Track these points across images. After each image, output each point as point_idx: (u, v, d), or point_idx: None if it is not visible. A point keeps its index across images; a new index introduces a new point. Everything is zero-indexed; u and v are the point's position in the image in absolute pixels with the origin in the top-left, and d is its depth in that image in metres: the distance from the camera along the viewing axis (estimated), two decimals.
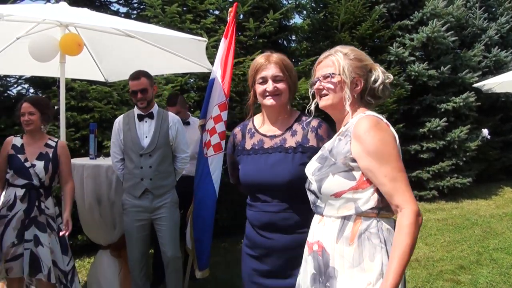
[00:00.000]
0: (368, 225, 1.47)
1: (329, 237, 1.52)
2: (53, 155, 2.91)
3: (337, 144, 1.56)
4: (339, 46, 1.67)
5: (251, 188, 1.94)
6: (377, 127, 1.48)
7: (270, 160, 1.88)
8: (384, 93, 1.63)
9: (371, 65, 1.63)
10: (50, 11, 3.14)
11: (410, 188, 1.44)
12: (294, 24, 6.86)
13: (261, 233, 1.90)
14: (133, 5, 6.51)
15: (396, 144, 1.49)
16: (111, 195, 3.23)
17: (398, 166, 1.44)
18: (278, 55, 1.93)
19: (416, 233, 1.39)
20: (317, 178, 1.54)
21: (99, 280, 3.35)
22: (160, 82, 5.04)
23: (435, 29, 6.97)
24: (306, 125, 1.91)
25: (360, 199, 1.48)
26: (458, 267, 4.27)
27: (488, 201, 7.25)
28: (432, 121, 7.13)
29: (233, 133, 2.09)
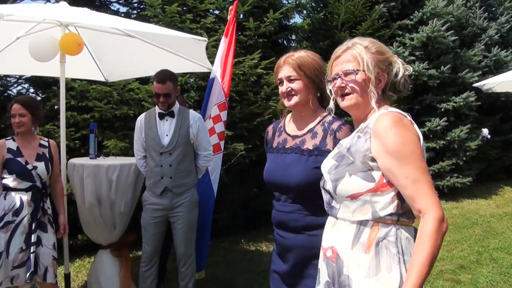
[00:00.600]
0: (386, 232, 1.36)
1: (343, 243, 1.42)
2: (49, 155, 2.94)
3: (355, 142, 1.45)
4: (356, 38, 1.55)
5: (269, 186, 1.94)
6: (400, 124, 1.36)
7: (286, 160, 1.87)
8: (404, 87, 1.52)
9: (391, 57, 1.50)
10: (50, 11, 3.14)
11: (434, 191, 1.32)
12: (294, 24, 6.86)
13: (277, 231, 1.94)
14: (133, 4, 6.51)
15: (420, 143, 1.38)
16: (111, 195, 3.23)
17: (422, 167, 1.33)
18: (298, 54, 1.87)
19: (439, 241, 1.26)
20: (332, 178, 1.44)
21: (99, 280, 3.35)
22: None
23: (435, 29, 6.97)
24: (327, 127, 1.84)
25: (378, 203, 1.37)
26: (458, 267, 4.27)
27: (488, 201, 7.25)
28: (432, 120, 7.13)
29: (267, 130, 2.09)
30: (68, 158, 3.44)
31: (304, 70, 1.84)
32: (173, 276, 4.01)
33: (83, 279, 4.06)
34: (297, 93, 1.85)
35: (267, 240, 5.10)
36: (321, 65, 1.88)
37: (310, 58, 1.86)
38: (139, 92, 5.00)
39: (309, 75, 1.84)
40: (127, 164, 3.29)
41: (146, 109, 4.97)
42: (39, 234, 2.81)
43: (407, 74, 1.51)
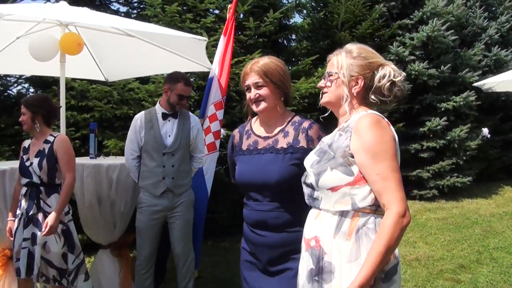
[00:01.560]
0: (365, 220, 1.48)
1: (326, 232, 1.52)
2: (48, 151, 2.86)
3: (337, 139, 1.56)
4: (349, 44, 1.67)
5: (244, 187, 2.00)
6: (378, 125, 1.48)
7: (262, 160, 1.93)
8: (391, 92, 1.58)
9: (378, 62, 1.60)
10: (50, 10, 3.14)
11: (401, 189, 1.43)
12: (294, 24, 6.86)
13: (253, 230, 1.97)
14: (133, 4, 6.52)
15: (394, 144, 1.48)
16: (111, 195, 3.23)
17: (392, 166, 1.44)
18: (263, 61, 1.95)
19: (397, 234, 1.38)
20: (315, 171, 1.55)
21: (100, 280, 3.35)
22: (160, 81, 5.04)
23: (435, 28, 6.96)
24: (297, 126, 1.95)
25: (357, 195, 1.48)
26: (458, 266, 4.27)
27: (488, 200, 7.25)
28: (432, 120, 7.12)
29: (233, 134, 2.16)
30: None
31: (270, 77, 1.93)
32: (173, 276, 4.01)
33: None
34: (265, 99, 1.94)
35: None
36: (285, 71, 1.98)
37: (274, 64, 1.95)
38: (139, 92, 5.01)
39: (274, 81, 1.93)
40: None
41: (146, 108, 4.97)
42: (34, 231, 2.79)
43: (398, 79, 1.57)
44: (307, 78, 5.71)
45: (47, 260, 2.81)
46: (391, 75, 1.57)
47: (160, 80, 5.05)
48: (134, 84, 5.02)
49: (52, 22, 3.27)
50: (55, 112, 3.03)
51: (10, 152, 4.43)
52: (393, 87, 1.58)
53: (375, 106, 1.62)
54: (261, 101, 1.94)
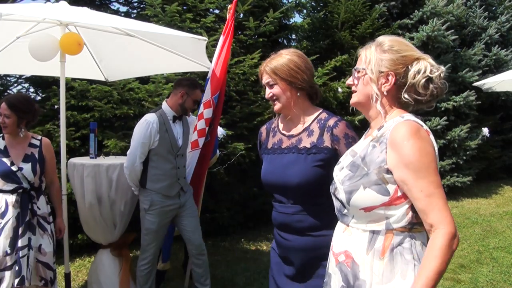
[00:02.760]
0: (401, 239, 1.34)
1: (358, 247, 1.39)
2: (39, 156, 2.81)
3: (370, 151, 1.39)
4: (382, 36, 1.50)
5: (268, 188, 1.92)
6: (417, 135, 1.30)
7: (284, 160, 1.84)
8: (426, 90, 1.37)
9: (413, 56, 1.40)
10: (50, 10, 3.13)
11: (447, 206, 1.29)
12: (294, 23, 6.86)
13: (279, 233, 1.91)
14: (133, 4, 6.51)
15: (436, 157, 1.33)
16: (112, 195, 3.23)
17: (436, 181, 1.29)
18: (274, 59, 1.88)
19: (448, 256, 1.23)
20: (346, 189, 1.40)
21: (99, 279, 3.35)
22: (160, 81, 5.03)
23: (435, 28, 6.96)
24: (323, 124, 1.83)
25: (393, 216, 1.34)
26: (458, 266, 4.27)
27: (488, 200, 7.26)
28: (433, 120, 7.13)
29: (260, 131, 2.08)
30: (68, 158, 3.45)
31: (279, 74, 1.84)
32: (173, 276, 4.02)
33: (83, 279, 4.06)
34: (278, 97, 1.87)
35: (267, 239, 5.10)
36: (299, 64, 1.85)
37: (285, 59, 1.85)
38: (139, 92, 5.00)
39: (284, 78, 1.84)
40: None
41: (146, 108, 4.97)
42: (30, 237, 2.71)
43: (435, 75, 1.37)
44: None
45: (44, 263, 2.78)
46: (427, 71, 1.36)
47: (160, 80, 5.05)
48: (134, 84, 5.02)
49: (52, 22, 3.27)
50: (38, 115, 2.94)
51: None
52: (429, 84, 1.37)
53: (410, 107, 1.43)
54: (275, 100, 1.88)
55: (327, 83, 5.79)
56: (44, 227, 2.81)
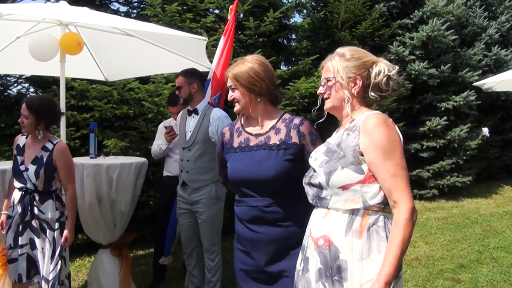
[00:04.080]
0: (376, 218, 1.52)
1: (337, 231, 1.55)
2: (47, 160, 2.74)
3: (345, 138, 1.60)
4: (340, 48, 1.71)
5: (238, 184, 2.04)
6: (385, 124, 1.53)
7: (255, 157, 1.97)
8: (388, 86, 1.63)
9: (371, 60, 1.65)
10: (50, 10, 3.13)
11: (409, 186, 1.49)
12: (294, 23, 6.86)
13: (249, 227, 2.01)
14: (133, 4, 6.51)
15: (401, 143, 1.54)
16: (112, 194, 3.23)
17: (401, 163, 1.49)
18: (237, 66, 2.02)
19: (411, 228, 1.45)
20: (326, 171, 1.57)
21: (99, 279, 3.35)
22: (161, 81, 5.04)
23: (435, 28, 6.96)
24: (288, 123, 2.00)
25: (368, 193, 1.52)
26: (458, 266, 4.27)
27: (489, 200, 7.26)
28: (433, 120, 7.13)
29: (222, 132, 2.20)
30: None
31: (239, 81, 2.00)
32: (173, 276, 4.02)
33: (83, 279, 4.06)
34: (238, 101, 2.04)
35: None
36: (259, 72, 2.00)
37: (247, 67, 2.00)
38: (139, 92, 5.00)
39: (244, 85, 2.00)
40: (127, 164, 3.29)
41: (146, 108, 4.98)
42: (32, 237, 2.73)
43: (393, 73, 1.63)
44: (307, 78, 5.70)
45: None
46: (386, 70, 1.62)
47: (160, 80, 5.05)
48: (134, 84, 5.02)
49: (52, 22, 3.27)
50: (58, 117, 2.94)
51: (10, 152, 4.42)
52: (390, 81, 1.63)
53: (375, 102, 1.68)
54: (236, 102, 2.04)
55: None
56: (45, 232, 2.75)
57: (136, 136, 4.82)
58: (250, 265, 2.04)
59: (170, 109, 3.91)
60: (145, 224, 4.81)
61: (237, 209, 2.09)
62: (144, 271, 4.21)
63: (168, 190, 3.85)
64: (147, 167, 3.54)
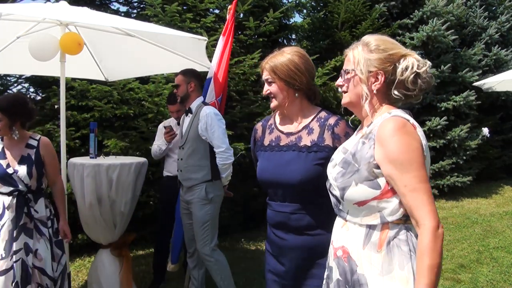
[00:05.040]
0: (396, 232, 1.38)
1: (354, 243, 1.43)
2: (36, 157, 2.67)
3: (360, 148, 1.43)
4: (367, 35, 1.51)
5: (265, 185, 1.91)
6: (403, 130, 1.34)
7: (284, 158, 1.83)
8: (415, 85, 1.42)
9: (400, 53, 1.44)
10: (50, 10, 3.13)
11: (431, 200, 1.31)
12: (294, 23, 6.86)
13: (275, 232, 1.88)
14: (133, 4, 6.51)
15: (422, 151, 1.35)
16: (112, 194, 3.23)
17: (421, 176, 1.31)
18: (275, 57, 1.87)
19: (437, 247, 1.27)
20: (340, 186, 1.44)
21: (100, 279, 3.35)
22: (161, 81, 5.04)
23: (435, 28, 6.96)
24: (323, 123, 1.83)
25: (386, 209, 1.38)
26: (458, 266, 4.27)
27: (489, 200, 7.26)
28: (433, 119, 7.13)
29: (255, 128, 2.05)
30: (68, 158, 3.44)
31: (278, 74, 1.84)
32: (173, 276, 4.01)
33: (83, 279, 4.06)
34: (275, 96, 1.87)
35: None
36: (299, 65, 1.83)
37: (286, 59, 1.84)
38: (139, 92, 5.00)
39: (282, 78, 1.83)
40: (127, 164, 3.28)
41: (146, 108, 4.98)
42: (26, 241, 2.62)
43: (423, 70, 1.43)
44: None
45: (40, 269, 2.67)
46: (415, 66, 1.42)
47: (160, 79, 5.05)
48: (134, 84, 5.02)
49: (52, 22, 3.27)
50: (34, 114, 2.81)
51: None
52: (418, 79, 1.43)
53: (400, 102, 1.49)
54: (272, 97, 1.88)
55: (327, 83, 5.79)
56: (41, 231, 2.70)
57: (136, 136, 4.82)
58: (277, 269, 1.91)
59: (169, 108, 3.91)
60: (145, 224, 4.81)
61: (267, 211, 1.93)
62: (144, 271, 4.21)
63: (168, 190, 3.85)
64: (147, 167, 3.54)
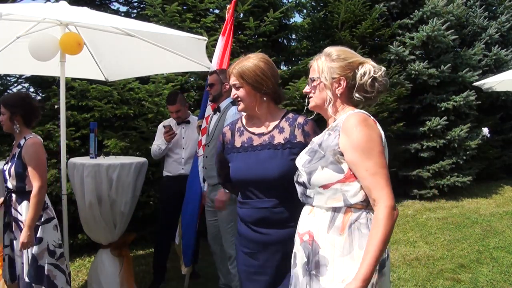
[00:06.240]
0: (358, 215, 1.54)
1: (320, 227, 1.58)
2: (17, 157, 2.67)
3: (326, 138, 1.62)
4: (328, 47, 1.71)
5: (242, 185, 1.98)
6: (365, 123, 1.53)
7: (260, 156, 1.93)
8: (373, 87, 1.63)
9: (358, 61, 1.64)
10: (50, 10, 3.13)
11: (389, 184, 1.50)
12: (294, 23, 6.87)
13: (254, 229, 1.94)
14: (133, 4, 6.51)
15: (381, 142, 1.54)
16: (112, 194, 3.23)
17: (380, 162, 1.50)
18: (242, 63, 1.95)
19: (390, 226, 1.45)
20: (307, 170, 1.60)
21: (99, 279, 3.35)
22: (161, 81, 5.04)
23: (435, 28, 6.96)
24: (292, 122, 1.96)
25: (348, 192, 1.53)
26: (458, 266, 4.27)
27: (489, 200, 7.26)
28: (433, 119, 7.12)
29: (223, 132, 2.13)
30: (68, 158, 3.45)
31: (245, 79, 1.94)
32: (173, 276, 4.02)
33: (83, 279, 4.06)
34: (242, 100, 1.97)
35: None
36: (265, 71, 1.94)
37: (253, 65, 1.94)
38: (139, 92, 5.01)
39: (250, 83, 1.93)
40: (127, 163, 3.29)
41: (146, 108, 4.98)
42: (11, 238, 2.72)
43: (379, 74, 1.62)
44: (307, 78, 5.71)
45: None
46: (372, 72, 1.61)
47: (160, 79, 5.05)
48: (134, 84, 5.02)
49: (52, 22, 3.27)
50: (36, 112, 2.85)
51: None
52: (375, 82, 1.62)
53: (361, 104, 1.68)
54: (240, 101, 1.98)
55: None
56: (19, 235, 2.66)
57: (136, 136, 4.83)
58: (255, 266, 1.96)
59: (169, 108, 3.91)
60: (145, 224, 4.81)
61: (241, 211, 2.01)
62: (144, 271, 4.21)
63: (168, 190, 3.85)
64: (147, 167, 3.54)
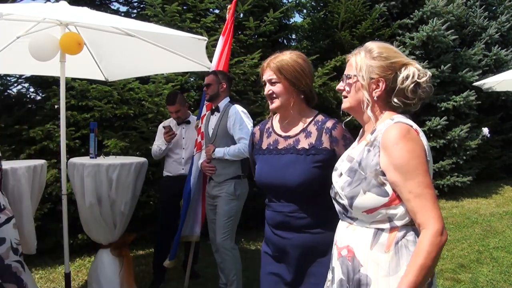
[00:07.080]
0: (405, 232, 1.39)
1: (361, 243, 1.43)
2: None
3: (366, 156, 1.44)
4: (370, 42, 1.53)
5: (264, 188, 1.93)
6: (407, 137, 1.36)
7: (282, 160, 1.85)
8: (415, 94, 1.45)
9: (401, 62, 1.46)
10: (50, 10, 3.13)
11: (436, 206, 1.33)
12: (294, 23, 6.87)
13: (275, 233, 1.90)
14: (133, 4, 6.51)
15: (426, 157, 1.37)
16: (112, 194, 3.23)
17: (425, 182, 1.33)
18: (281, 57, 1.88)
19: (435, 253, 1.29)
20: (348, 195, 1.45)
21: (99, 279, 3.35)
22: (161, 81, 5.04)
23: (435, 28, 6.96)
24: (321, 126, 1.86)
25: (395, 215, 1.39)
26: (458, 266, 4.27)
27: (489, 200, 7.26)
28: (433, 119, 7.13)
29: (253, 132, 2.07)
30: (68, 158, 3.45)
31: (284, 73, 1.85)
32: (173, 276, 4.02)
33: (83, 279, 4.06)
34: (278, 96, 1.87)
35: None
36: (304, 67, 1.87)
37: (292, 60, 1.86)
38: (139, 92, 5.01)
39: (289, 78, 1.85)
40: (127, 164, 3.29)
41: (146, 108, 4.98)
42: None
43: (423, 80, 1.44)
44: None
45: None
46: (415, 76, 1.44)
47: (160, 79, 5.05)
48: (134, 84, 5.02)
49: (52, 22, 3.27)
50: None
51: (10, 152, 4.43)
52: (418, 88, 1.45)
53: (399, 109, 1.50)
54: (274, 98, 1.88)
55: (327, 83, 5.79)
56: None
57: (136, 136, 4.83)
58: (276, 269, 1.93)
59: (168, 108, 3.91)
60: (145, 224, 4.81)
61: (266, 213, 1.96)
62: (144, 271, 4.21)
63: (168, 190, 3.85)
64: (147, 167, 3.54)
